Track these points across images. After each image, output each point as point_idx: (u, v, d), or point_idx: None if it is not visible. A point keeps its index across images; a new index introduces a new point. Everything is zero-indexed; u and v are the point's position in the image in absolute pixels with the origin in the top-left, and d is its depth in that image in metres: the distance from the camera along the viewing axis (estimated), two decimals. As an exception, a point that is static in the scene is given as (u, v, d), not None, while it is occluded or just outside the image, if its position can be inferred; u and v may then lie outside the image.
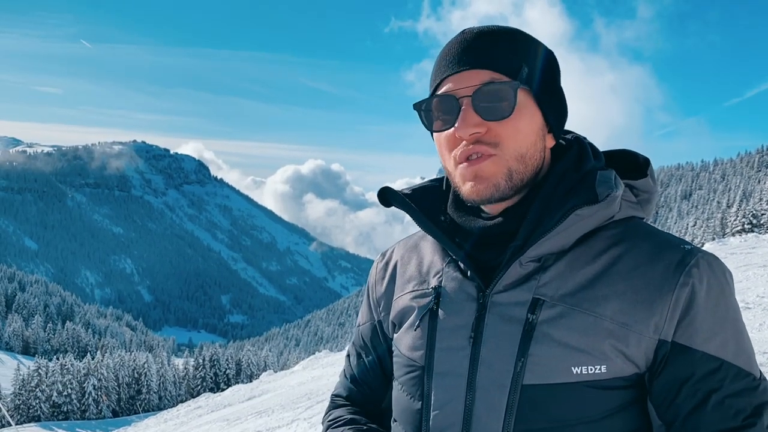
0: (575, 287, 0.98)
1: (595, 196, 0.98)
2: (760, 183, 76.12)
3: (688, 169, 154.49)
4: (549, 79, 1.04)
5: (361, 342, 1.27)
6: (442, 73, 1.03)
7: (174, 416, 24.56)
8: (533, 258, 1.00)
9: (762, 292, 10.77)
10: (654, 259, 0.98)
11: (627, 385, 0.97)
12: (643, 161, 1.08)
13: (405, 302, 1.15)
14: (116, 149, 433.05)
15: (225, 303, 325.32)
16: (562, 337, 0.96)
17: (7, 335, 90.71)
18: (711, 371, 0.93)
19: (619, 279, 0.97)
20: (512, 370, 0.97)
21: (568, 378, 0.95)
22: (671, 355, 0.94)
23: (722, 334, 0.94)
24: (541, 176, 1.05)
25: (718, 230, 56.72)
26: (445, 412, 1.03)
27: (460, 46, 1.02)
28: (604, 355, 0.95)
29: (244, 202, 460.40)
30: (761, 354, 6.72)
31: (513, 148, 0.99)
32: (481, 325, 1.01)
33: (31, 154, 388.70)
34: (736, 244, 20.34)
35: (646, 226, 1.04)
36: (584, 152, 1.07)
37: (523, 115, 0.99)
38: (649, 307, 0.94)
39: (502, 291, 1.01)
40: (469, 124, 0.97)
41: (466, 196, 1.02)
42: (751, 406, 0.92)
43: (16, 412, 48.45)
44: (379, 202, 1.15)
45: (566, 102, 1.08)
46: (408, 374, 1.10)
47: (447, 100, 1.00)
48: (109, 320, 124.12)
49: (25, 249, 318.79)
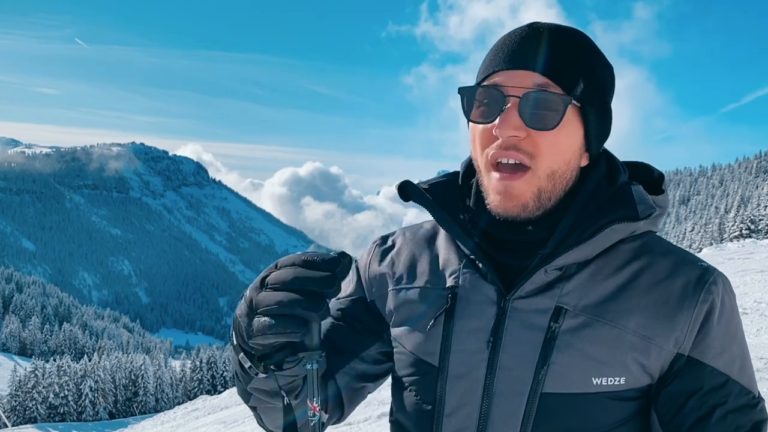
0: (598, 298, 0.98)
1: (636, 213, 0.98)
2: (758, 188, 76.16)
3: (686, 174, 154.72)
4: (602, 99, 1.01)
5: (338, 313, 1.19)
6: (497, 65, 0.99)
7: (171, 418, 24.52)
8: (557, 266, 1.00)
9: (759, 298, 10.81)
10: (674, 275, 0.99)
11: (638, 396, 0.99)
12: (657, 176, 1.08)
13: (414, 297, 1.11)
14: (115, 151, 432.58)
15: (223, 305, 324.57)
16: (584, 348, 0.96)
17: (4, 336, 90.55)
18: (718, 386, 0.96)
19: (641, 293, 0.98)
20: (532, 378, 0.97)
21: (588, 388, 0.96)
22: (684, 367, 0.97)
23: (730, 352, 0.98)
24: (568, 189, 1.02)
25: (716, 235, 56.82)
26: (459, 416, 1.01)
27: (522, 41, 0.98)
28: (625, 367, 0.96)
29: (243, 205, 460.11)
30: (758, 359, 6.73)
31: (547, 164, 0.97)
32: (501, 330, 1.00)
33: (30, 155, 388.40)
34: (733, 249, 20.38)
35: (663, 242, 1.06)
36: (614, 165, 1.07)
37: (566, 131, 0.97)
38: (671, 322, 0.96)
39: (524, 297, 1.00)
40: (511, 126, 0.94)
41: (491, 207, 1.01)
42: (750, 422, 0.96)
43: (12, 414, 48.33)
44: (398, 195, 1.11)
45: (611, 123, 1.05)
46: (417, 374, 1.07)
47: (494, 94, 0.96)
48: (106, 322, 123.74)
49: (22, 250, 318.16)
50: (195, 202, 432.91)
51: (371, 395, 8.52)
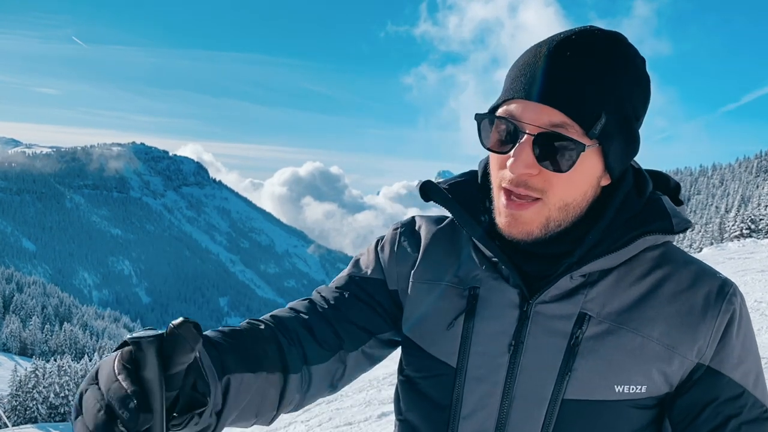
0: (622, 306, 0.98)
1: (671, 226, 0.98)
2: (759, 188, 76.14)
3: (686, 174, 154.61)
4: (627, 129, 0.97)
5: (355, 285, 1.17)
6: (515, 92, 0.95)
7: (171, 418, 24.48)
8: (582, 273, 0.99)
9: (760, 297, 10.81)
10: (696, 285, 1.00)
11: (656, 404, 0.99)
12: (674, 186, 1.07)
13: (435, 294, 1.09)
14: (115, 151, 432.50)
15: (223, 305, 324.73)
16: (608, 355, 0.96)
17: (5, 336, 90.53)
18: (734, 397, 0.97)
19: (664, 302, 0.98)
20: (554, 383, 0.96)
21: (610, 396, 0.95)
22: (702, 377, 0.97)
23: (747, 364, 0.99)
24: (591, 204, 1.01)
25: (717, 235, 56.75)
26: (477, 419, 1.01)
27: (541, 67, 0.92)
28: (647, 375, 0.96)
29: (243, 205, 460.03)
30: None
31: (559, 197, 0.95)
32: (523, 334, 0.99)
33: (30, 155, 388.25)
34: (734, 248, 20.36)
35: (682, 252, 1.06)
36: (642, 176, 1.06)
37: (582, 168, 0.94)
38: (694, 332, 0.96)
39: (547, 302, 0.99)
40: (522, 163, 0.92)
41: (499, 227, 1.00)
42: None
43: (12, 414, 48.32)
44: (420, 196, 1.10)
45: (638, 145, 1.01)
46: (434, 374, 1.06)
47: (509, 126, 0.95)
48: (106, 322, 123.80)
49: (23, 250, 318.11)
50: (195, 202, 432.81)
51: (372, 395, 8.61)
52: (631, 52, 0.96)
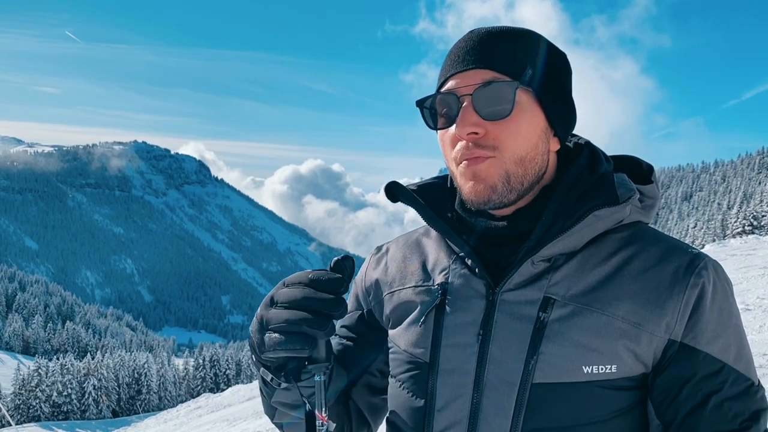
0: (587, 287, 0.99)
1: (615, 197, 0.98)
2: (761, 185, 76.05)
3: (688, 171, 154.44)
4: (555, 81, 1.03)
5: (343, 330, 1.24)
6: (447, 72, 1.03)
7: (174, 416, 24.60)
8: (544, 258, 1.00)
9: (762, 294, 10.78)
10: (664, 261, 0.99)
11: (633, 385, 0.98)
12: (647, 168, 1.09)
13: (406, 297, 1.12)
14: (117, 149, 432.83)
15: (225, 303, 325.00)
16: (574, 336, 0.96)
17: (8, 335, 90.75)
18: (712, 373, 0.94)
19: (630, 280, 0.98)
20: (522, 368, 0.97)
21: (579, 377, 0.95)
22: (677, 354, 0.96)
23: (725, 338, 0.96)
24: (549, 179, 1.05)
25: (719, 232, 56.74)
26: (450, 410, 1.02)
27: (466, 45, 1.02)
28: (615, 354, 0.95)
29: (245, 203, 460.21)
30: (761, 356, 6.72)
31: (512, 151, 0.98)
32: (490, 323, 1.00)
33: (32, 154, 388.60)
34: (736, 245, 20.35)
35: (653, 231, 1.06)
36: (596, 156, 1.07)
37: (524, 116, 0.99)
38: (661, 307, 0.95)
39: (512, 289, 1.00)
40: (468, 123, 0.96)
41: (465, 197, 1.02)
42: (749, 410, 0.94)
43: (16, 412, 48.45)
44: (386, 196, 1.14)
45: (574, 105, 1.07)
46: (409, 371, 1.08)
47: (448, 98, 1.00)
48: (109, 320, 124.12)
49: (25, 249, 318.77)
50: (197, 201, 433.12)
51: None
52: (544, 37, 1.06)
